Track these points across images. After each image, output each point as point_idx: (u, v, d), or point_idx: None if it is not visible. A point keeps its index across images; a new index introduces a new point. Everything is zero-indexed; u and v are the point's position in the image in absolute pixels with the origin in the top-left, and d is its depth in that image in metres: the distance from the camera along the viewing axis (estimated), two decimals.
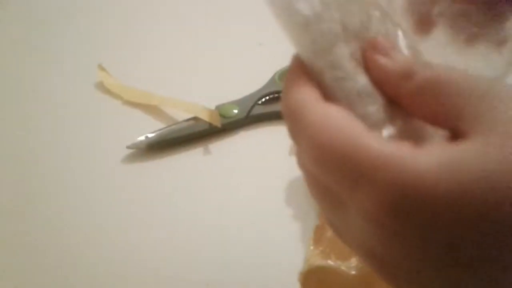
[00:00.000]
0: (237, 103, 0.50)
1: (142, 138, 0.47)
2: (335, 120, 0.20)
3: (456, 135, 0.21)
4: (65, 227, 0.42)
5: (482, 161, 0.19)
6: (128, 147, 0.47)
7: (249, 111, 0.50)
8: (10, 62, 0.58)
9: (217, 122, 0.48)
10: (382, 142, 0.20)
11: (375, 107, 0.23)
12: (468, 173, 0.19)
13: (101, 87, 0.53)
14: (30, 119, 0.52)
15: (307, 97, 0.21)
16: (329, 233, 0.38)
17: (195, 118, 0.49)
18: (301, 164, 0.23)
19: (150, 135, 0.47)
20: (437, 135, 0.23)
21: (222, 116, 0.49)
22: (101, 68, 0.54)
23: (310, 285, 0.35)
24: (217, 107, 0.49)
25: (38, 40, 0.62)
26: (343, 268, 0.34)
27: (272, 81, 0.52)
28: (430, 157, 0.19)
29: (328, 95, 0.22)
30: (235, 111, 0.49)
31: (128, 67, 0.56)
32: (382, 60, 0.23)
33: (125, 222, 0.43)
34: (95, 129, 0.50)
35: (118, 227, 0.42)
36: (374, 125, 0.22)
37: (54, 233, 0.42)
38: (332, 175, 0.21)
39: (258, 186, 0.44)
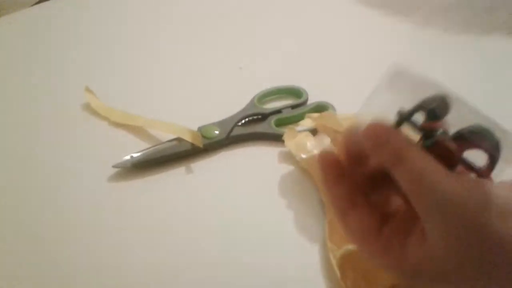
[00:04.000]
0: (218, 124, 0.52)
1: (127, 157, 0.49)
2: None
3: None
4: (51, 245, 0.43)
5: None
6: (114, 166, 0.48)
7: (230, 132, 0.51)
8: None
9: (199, 143, 0.50)
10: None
11: None
12: None
13: (88, 108, 0.55)
14: (18, 138, 0.53)
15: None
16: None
17: (178, 139, 0.50)
18: None
19: (135, 155, 0.49)
20: None
21: (204, 137, 0.50)
22: (88, 90, 0.56)
23: (346, 268, 0.38)
24: (199, 129, 0.51)
25: (27, 62, 0.64)
26: None
27: (251, 103, 0.55)
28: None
29: None
30: (216, 132, 0.51)
31: (114, 90, 0.58)
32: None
33: (110, 240, 0.43)
34: (82, 148, 0.51)
35: (103, 244, 0.43)
36: None
37: (40, 252, 0.42)
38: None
39: (238, 204, 0.46)
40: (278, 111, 0.54)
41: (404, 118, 0.30)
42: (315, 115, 0.51)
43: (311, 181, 0.47)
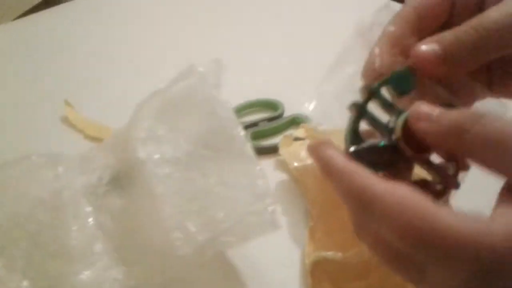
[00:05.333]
0: None
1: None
2: (409, 201, 0.23)
3: None
4: None
5: None
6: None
7: None
8: None
9: None
10: (456, 218, 0.22)
11: None
12: None
13: (66, 121, 0.56)
14: None
15: (370, 181, 0.24)
16: (319, 234, 0.42)
17: None
18: (368, 234, 0.26)
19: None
20: None
21: None
22: (67, 103, 0.57)
23: (317, 274, 0.39)
24: None
25: (7, 75, 0.65)
26: (345, 258, 0.38)
27: None
28: (500, 227, 0.22)
29: None
30: None
31: (92, 103, 0.59)
32: (426, 125, 0.25)
33: None
34: None
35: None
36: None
37: None
38: (415, 250, 0.23)
39: None
40: (255, 124, 0.55)
41: (372, 92, 0.29)
42: (308, 125, 0.52)
43: (300, 189, 0.48)
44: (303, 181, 0.48)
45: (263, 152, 0.52)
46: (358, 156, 0.28)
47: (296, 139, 0.51)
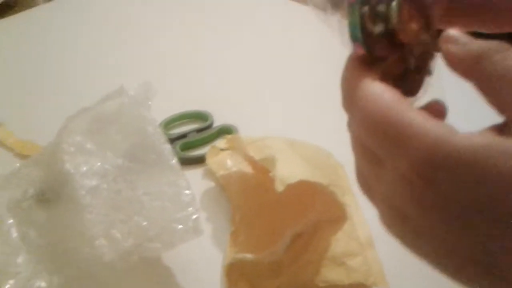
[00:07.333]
0: None
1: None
2: (385, 96, 0.24)
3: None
4: None
5: None
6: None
7: None
8: None
9: None
10: (426, 118, 0.22)
11: None
12: (502, 153, 0.20)
13: None
14: None
15: (364, 73, 0.25)
16: (242, 237, 0.45)
17: None
18: (350, 126, 0.26)
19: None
20: None
21: None
22: None
23: (233, 276, 0.41)
24: None
25: None
26: (257, 258, 0.40)
27: None
28: (471, 138, 0.21)
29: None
30: None
31: (22, 122, 0.60)
32: (453, 48, 0.25)
33: None
34: None
35: None
36: None
37: None
38: (377, 140, 0.24)
39: None
40: (184, 135, 0.58)
41: None
42: (229, 136, 0.55)
43: (226, 196, 0.51)
44: (228, 188, 0.51)
45: (191, 162, 0.54)
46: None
47: (223, 149, 0.55)
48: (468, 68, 0.24)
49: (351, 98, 0.25)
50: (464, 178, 0.21)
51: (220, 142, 0.54)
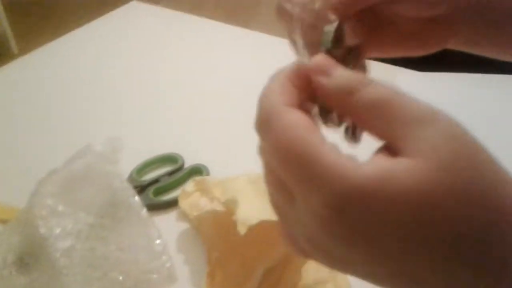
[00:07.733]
0: None
1: None
2: (297, 128, 0.24)
3: (394, 149, 0.23)
4: None
5: (411, 174, 0.22)
6: None
7: None
8: None
9: None
10: (333, 154, 0.23)
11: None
12: (397, 183, 0.22)
13: None
14: None
15: (281, 99, 0.25)
16: (218, 277, 0.47)
17: None
18: (263, 156, 0.26)
19: None
20: None
21: None
22: None
23: None
24: None
25: None
26: None
27: (130, 177, 0.59)
28: (369, 169, 0.22)
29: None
30: None
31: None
32: (322, 79, 0.25)
33: None
34: None
35: None
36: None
37: None
38: (289, 175, 0.24)
39: None
40: (156, 180, 0.60)
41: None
42: (197, 179, 0.56)
43: (200, 237, 0.53)
44: (202, 229, 0.53)
45: (165, 206, 0.56)
46: None
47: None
48: (341, 102, 0.25)
49: (266, 124, 0.25)
50: (371, 208, 0.22)
51: (189, 185, 0.56)
